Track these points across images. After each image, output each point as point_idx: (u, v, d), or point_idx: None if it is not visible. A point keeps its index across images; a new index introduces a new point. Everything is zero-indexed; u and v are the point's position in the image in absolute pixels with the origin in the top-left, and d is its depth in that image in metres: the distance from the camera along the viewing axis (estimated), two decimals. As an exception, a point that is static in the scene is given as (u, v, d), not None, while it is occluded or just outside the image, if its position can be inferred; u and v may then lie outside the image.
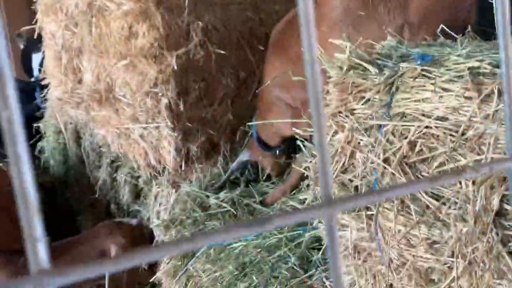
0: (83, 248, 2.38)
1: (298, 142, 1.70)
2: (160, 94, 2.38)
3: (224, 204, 2.37)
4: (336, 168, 1.49)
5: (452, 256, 1.29)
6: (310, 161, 1.59)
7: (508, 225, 1.19)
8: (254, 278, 1.84)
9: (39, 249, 0.33)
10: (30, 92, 3.82)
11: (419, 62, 1.43)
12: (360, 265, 1.52)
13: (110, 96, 2.55)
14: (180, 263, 2.23)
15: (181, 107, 2.41)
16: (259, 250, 2.00)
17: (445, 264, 1.32)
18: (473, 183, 1.25)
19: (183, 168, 2.52)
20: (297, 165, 2.27)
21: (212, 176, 2.55)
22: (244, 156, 2.51)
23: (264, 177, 2.51)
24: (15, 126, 0.33)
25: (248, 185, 2.51)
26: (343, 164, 1.49)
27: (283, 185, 2.39)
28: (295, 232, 2.00)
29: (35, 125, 3.42)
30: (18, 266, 2.26)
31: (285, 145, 2.38)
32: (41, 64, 3.67)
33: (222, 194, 2.41)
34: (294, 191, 2.35)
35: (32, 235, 0.33)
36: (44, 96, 3.25)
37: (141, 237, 2.47)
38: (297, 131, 1.78)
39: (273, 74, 2.30)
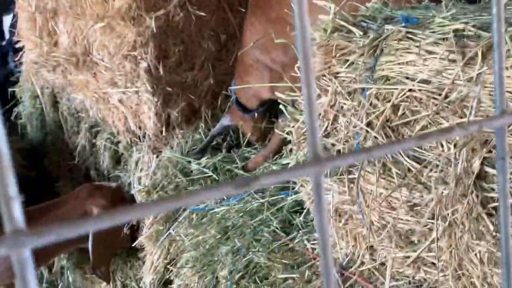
0: (63, 210, 2.35)
1: (281, 107, 1.68)
2: (139, 57, 2.33)
3: (206, 170, 2.36)
4: (319, 133, 1.49)
5: (432, 218, 1.31)
6: (293, 126, 1.57)
7: (488, 187, 1.21)
8: (236, 241, 1.85)
9: (14, 208, 0.31)
10: (3, 55, 3.67)
11: (403, 25, 1.41)
12: (341, 227, 1.53)
13: (87, 59, 2.48)
14: (162, 227, 2.22)
15: (161, 71, 2.36)
16: (241, 214, 2.00)
17: (425, 226, 1.34)
18: (455, 146, 1.25)
19: (163, 134, 2.49)
20: (279, 129, 2.26)
21: (193, 141, 2.52)
22: (225, 120, 2.49)
23: (245, 143, 2.49)
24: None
25: (230, 150, 2.49)
26: (326, 128, 1.48)
27: (265, 150, 2.38)
28: (277, 197, 2.00)
29: (10, 89, 3.33)
30: None
31: (264, 107, 2.36)
32: (12, 26, 3.54)
33: (203, 160, 2.40)
34: (276, 156, 2.35)
35: (6, 194, 0.31)
36: (18, 59, 3.15)
37: (121, 200, 2.46)
38: (279, 95, 1.76)
39: (253, 36, 2.26)
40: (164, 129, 2.48)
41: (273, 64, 2.20)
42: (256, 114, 2.36)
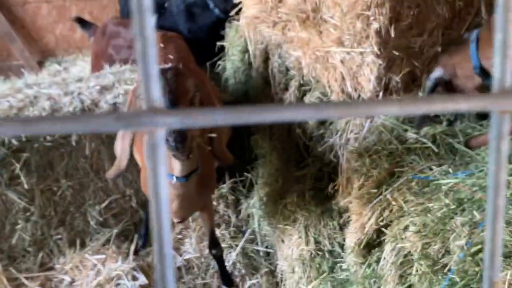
0: None
1: None
2: (372, 17, 2.29)
3: (425, 140, 2.28)
4: None
5: None
6: None
7: None
8: (475, 213, 1.76)
9: (153, 88, 0.31)
10: (205, 4, 3.73)
11: None
12: None
13: (316, 16, 2.51)
14: (375, 190, 2.20)
15: (391, 33, 2.31)
16: (475, 189, 1.90)
17: None
18: None
19: (379, 98, 2.45)
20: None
21: (409, 110, 2.45)
22: (435, 73, 2.29)
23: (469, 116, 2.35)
24: None
25: (451, 123, 2.38)
26: None
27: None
28: (519, 176, 1.86)
29: (218, 43, 3.52)
30: None
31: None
32: None
33: (423, 130, 2.32)
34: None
35: (147, 72, 0.30)
36: (233, 16, 3.30)
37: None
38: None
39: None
40: (381, 93, 2.43)
41: None
42: None
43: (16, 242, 2.97)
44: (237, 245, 3.06)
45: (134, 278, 2.88)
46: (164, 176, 0.31)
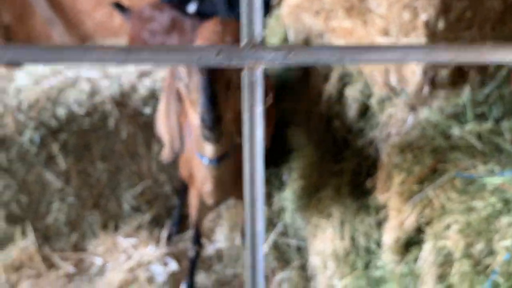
0: None
1: None
2: (420, 8, 2.22)
3: (469, 137, 2.20)
4: None
5: None
6: None
7: None
8: (523, 215, 1.68)
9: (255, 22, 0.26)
10: None
11: None
12: None
13: (362, 5, 2.45)
14: (416, 187, 2.14)
15: (439, 25, 2.23)
16: (522, 189, 1.81)
17: None
18: None
19: (425, 92, 2.38)
20: None
21: (454, 107, 2.36)
22: None
23: (517, 116, 2.26)
24: None
25: (498, 121, 2.29)
26: None
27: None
28: None
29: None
30: None
31: None
32: None
33: (468, 126, 2.24)
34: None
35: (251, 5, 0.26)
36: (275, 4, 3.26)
37: None
38: None
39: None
40: (427, 87, 2.36)
41: None
42: None
43: (51, 222, 3.01)
44: (268, 238, 3.02)
45: (165, 264, 2.88)
46: (260, 116, 0.28)
